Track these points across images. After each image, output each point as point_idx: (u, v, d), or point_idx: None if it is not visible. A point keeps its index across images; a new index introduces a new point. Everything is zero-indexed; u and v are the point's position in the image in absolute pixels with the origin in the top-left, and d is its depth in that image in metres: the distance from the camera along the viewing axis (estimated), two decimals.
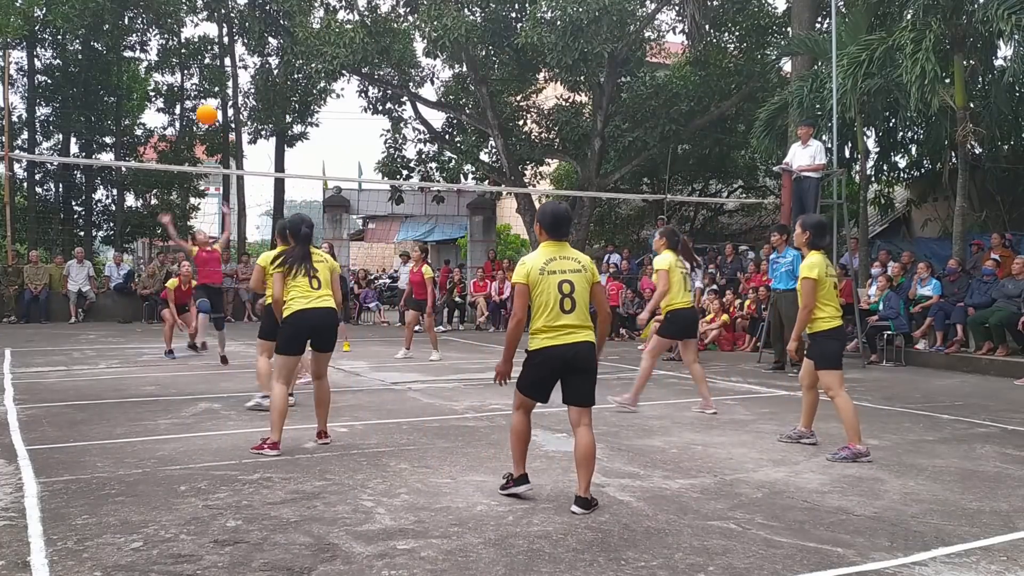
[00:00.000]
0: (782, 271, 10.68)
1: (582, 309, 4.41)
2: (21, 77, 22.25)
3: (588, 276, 4.46)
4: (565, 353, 4.37)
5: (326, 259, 5.97)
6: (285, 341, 5.70)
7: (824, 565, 3.65)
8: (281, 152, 24.18)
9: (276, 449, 5.55)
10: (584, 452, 4.41)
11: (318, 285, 5.75)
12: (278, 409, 5.59)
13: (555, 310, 4.35)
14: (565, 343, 4.36)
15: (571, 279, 4.39)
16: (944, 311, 11.91)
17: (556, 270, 4.40)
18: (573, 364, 4.39)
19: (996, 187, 16.07)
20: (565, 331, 4.36)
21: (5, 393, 8.08)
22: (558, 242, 4.50)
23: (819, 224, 6.17)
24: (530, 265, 4.43)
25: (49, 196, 23.38)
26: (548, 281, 4.37)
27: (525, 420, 4.57)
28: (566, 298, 4.36)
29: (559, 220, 4.50)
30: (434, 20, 16.89)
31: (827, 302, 5.79)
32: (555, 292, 4.36)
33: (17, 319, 17.21)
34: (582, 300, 4.40)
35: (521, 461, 4.61)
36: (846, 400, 5.72)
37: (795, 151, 11.63)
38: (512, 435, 4.61)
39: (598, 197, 19.59)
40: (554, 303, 4.35)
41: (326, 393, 5.98)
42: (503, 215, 27.20)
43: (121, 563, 3.56)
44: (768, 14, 19.67)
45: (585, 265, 4.49)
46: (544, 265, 4.41)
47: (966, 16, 12.30)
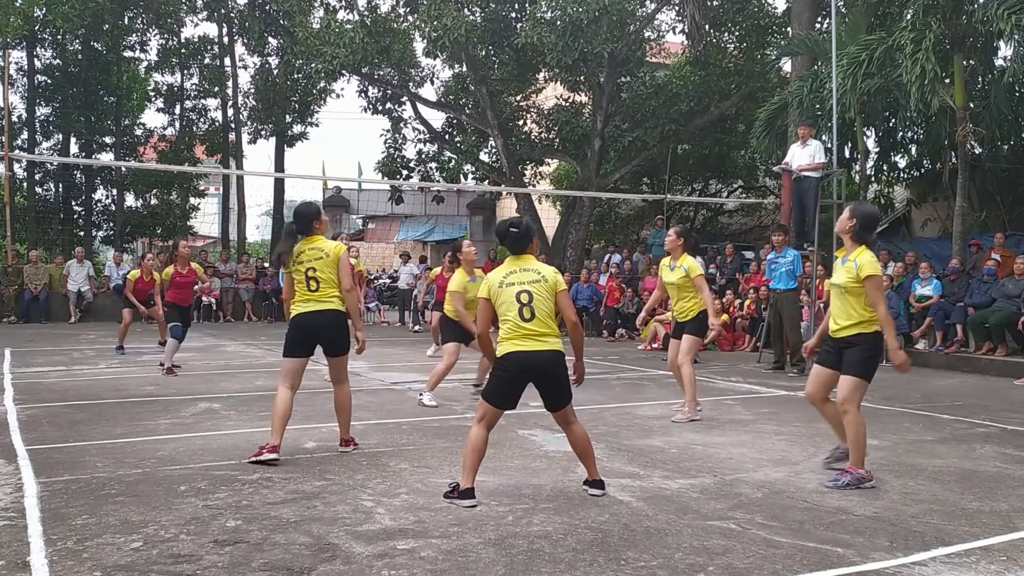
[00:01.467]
0: (782, 271, 10.68)
1: (543, 318, 4.50)
2: (21, 77, 22.27)
3: (549, 286, 4.56)
4: (526, 359, 4.46)
5: (327, 252, 5.47)
6: (286, 344, 5.56)
7: (824, 565, 3.65)
8: (281, 152, 24.21)
9: (275, 453, 5.31)
10: (581, 445, 4.67)
11: (316, 287, 5.44)
12: (279, 413, 5.41)
13: (515, 319, 4.48)
14: (528, 350, 4.47)
15: (529, 289, 4.51)
16: (944, 311, 11.91)
17: (515, 282, 4.54)
18: (538, 371, 4.50)
19: (996, 187, 16.07)
20: (527, 338, 4.47)
21: (5, 393, 8.08)
22: (519, 256, 4.66)
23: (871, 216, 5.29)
24: (491, 281, 4.61)
25: (49, 196, 23.40)
26: (507, 292, 4.53)
27: (484, 434, 4.55)
28: (524, 307, 4.48)
29: (504, 235, 4.69)
30: (434, 20, 16.90)
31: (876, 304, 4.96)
32: (513, 302, 4.50)
33: (17, 319, 17.22)
34: (542, 309, 4.50)
35: (471, 474, 4.52)
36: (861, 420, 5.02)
37: (794, 151, 11.63)
38: (468, 445, 4.55)
39: (598, 197, 19.60)
40: (514, 312, 4.49)
41: (345, 398, 5.72)
42: (503, 215, 27.20)
43: (121, 563, 3.56)
44: (768, 14, 19.68)
45: (546, 276, 4.59)
46: (503, 279, 4.57)
47: (966, 16, 12.31)
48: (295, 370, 5.51)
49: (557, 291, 4.57)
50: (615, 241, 22.68)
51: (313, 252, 5.48)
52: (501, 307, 4.54)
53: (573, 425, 4.65)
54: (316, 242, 5.54)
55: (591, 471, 4.70)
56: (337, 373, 5.71)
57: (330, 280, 5.47)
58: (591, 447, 4.71)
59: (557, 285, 4.58)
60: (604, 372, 10.69)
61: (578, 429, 4.65)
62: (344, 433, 5.79)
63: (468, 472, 4.53)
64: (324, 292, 5.46)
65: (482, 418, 4.57)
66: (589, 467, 4.70)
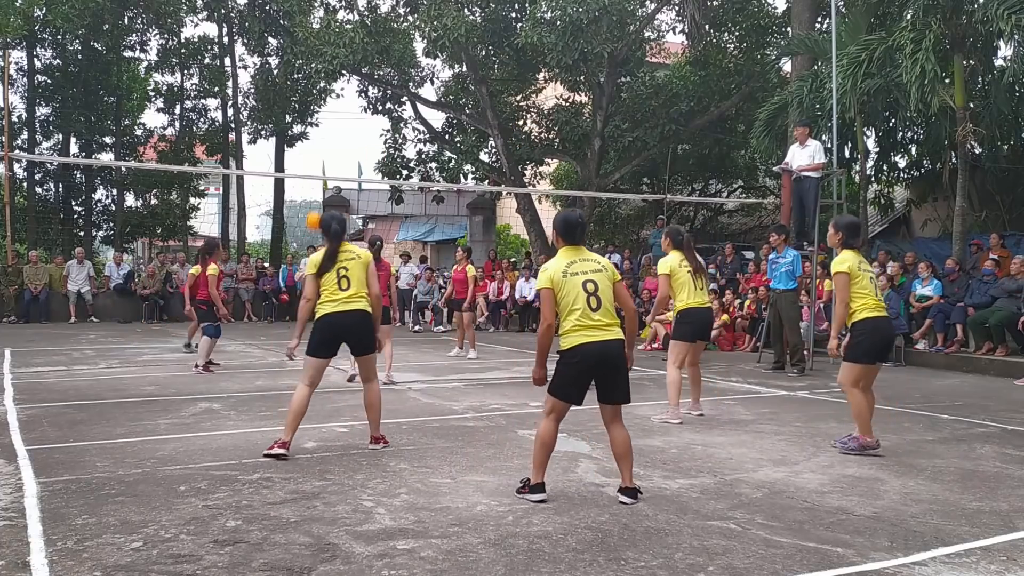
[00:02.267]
0: (782, 271, 10.68)
1: (608, 307, 4.48)
2: (21, 77, 22.28)
3: (609, 275, 4.57)
4: (597, 350, 4.42)
5: (359, 255, 5.75)
6: (313, 344, 5.62)
7: (824, 565, 3.65)
8: (281, 152, 24.21)
9: (284, 448, 5.47)
10: (622, 447, 4.58)
11: (347, 286, 5.59)
12: (295, 411, 5.53)
13: (583, 308, 4.43)
14: (597, 340, 4.42)
15: (594, 278, 4.49)
16: (944, 312, 11.91)
17: (578, 271, 4.50)
18: (606, 362, 4.45)
19: (996, 187, 16.08)
20: (595, 329, 4.43)
21: (5, 393, 8.08)
22: (575, 246, 4.61)
23: (852, 224, 6.18)
24: (552, 270, 4.52)
25: (49, 196, 23.41)
26: (572, 282, 4.46)
27: (554, 428, 4.55)
28: (592, 296, 4.44)
29: (572, 225, 4.62)
30: (434, 20, 16.90)
31: (861, 293, 5.81)
32: (580, 291, 4.44)
33: (17, 319, 17.21)
34: (607, 298, 4.49)
35: (541, 469, 4.57)
36: (859, 397, 5.81)
37: (794, 151, 11.64)
38: (537, 441, 4.57)
39: (598, 197, 19.60)
40: (582, 302, 4.43)
41: (374, 397, 5.80)
42: (503, 215, 27.21)
43: (121, 563, 3.56)
44: (768, 14, 19.69)
45: (605, 265, 4.60)
46: (566, 268, 4.51)
47: (966, 16, 12.30)
48: (320, 370, 5.66)
49: (615, 280, 4.58)
50: (615, 241, 22.68)
51: (346, 254, 5.71)
52: (566, 298, 4.45)
53: (618, 424, 4.58)
54: (346, 246, 5.78)
55: (625, 478, 4.58)
56: (366, 372, 5.83)
57: (360, 281, 5.67)
58: (631, 451, 4.60)
59: (615, 274, 4.61)
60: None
61: (623, 432, 4.58)
62: (375, 431, 5.85)
63: (538, 467, 4.56)
64: (354, 292, 5.63)
65: (551, 411, 4.55)
66: (625, 471, 4.59)
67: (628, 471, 4.58)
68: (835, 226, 6.15)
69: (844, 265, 5.81)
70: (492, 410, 7.45)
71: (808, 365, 10.88)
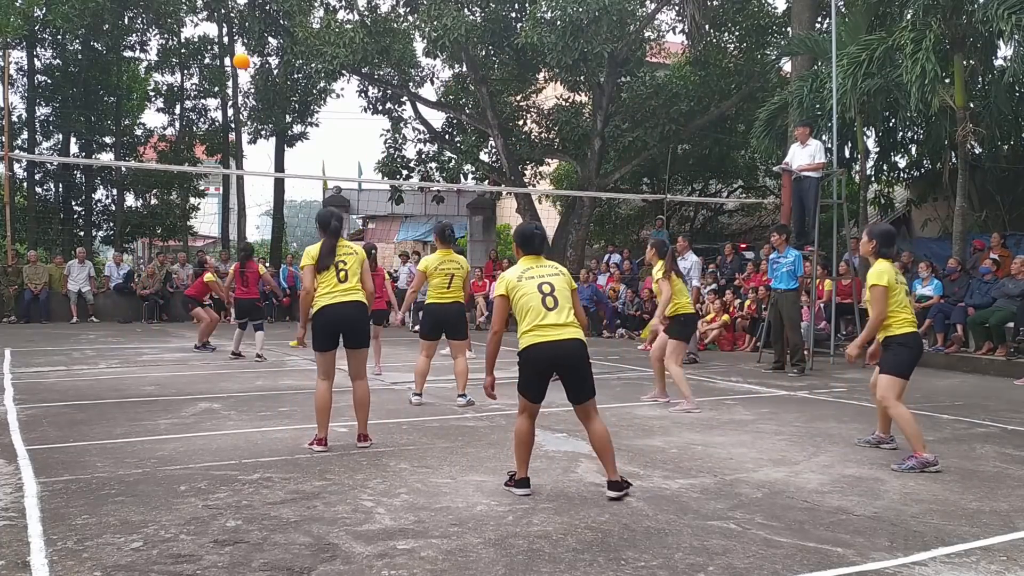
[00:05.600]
0: (783, 271, 10.68)
1: (565, 308, 4.55)
2: (21, 77, 22.25)
3: (567, 280, 4.70)
4: (551, 351, 4.49)
5: (356, 250, 5.92)
6: (315, 338, 5.74)
7: (824, 565, 3.65)
8: (281, 152, 24.19)
9: (322, 445, 5.65)
10: (600, 442, 4.62)
11: (345, 278, 5.73)
12: (321, 407, 5.69)
13: (539, 309, 4.51)
14: (550, 340, 4.49)
15: (550, 281, 4.61)
16: (943, 312, 11.91)
17: (535, 275, 4.63)
18: (561, 361, 4.52)
19: (996, 187, 16.06)
20: (550, 329, 4.50)
21: (5, 393, 8.08)
22: (534, 256, 4.75)
23: (887, 233, 5.92)
24: (509, 277, 4.67)
25: (49, 196, 23.38)
26: (528, 285, 4.59)
27: (527, 424, 4.65)
28: (548, 297, 4.54)
29: (529, 237, 4.77)
30: (434, 20, 16.90)
31: (900, 306, 5.61)
32: (536, 292, 4.55)
33: (17, 319, 17.21)
34: (564, 299, 4.57)
35: (524, 464, 4.69)
36: (902, 411, 5.51)
37: (794, 151, 11.64)
38: (514, 438, 4.72)
39: (598, 197, 19.59)
40: (537, 303, 4.52)
41: (364, 395, 5.89)
42: (503, 215, 27.19)
43: (121, 563, 3.56)
44: (768, 14, 19.68)
45: (562, 271, 4.74)
46: (522, 274, 4.64)
47: (966, 16, 12.29)
48: (330, 361, 5.75)
49: (573, 287, 4.71)
50: (615, 241, 22.67)
51: (344, 249, 5.88)
52: (522, 300, 4.55)
53: (594, 421, 4.61)
54: (343, 242, 5.96)
55: (609, 471, 4.62)
56: (357, 368, 5.88)
57: (357, 274, 5.82)
58: (611, 446, 4.64)
59: (572, 283, 4.73)
60: (604, 372, 10.69)
61: (599, 426, 4.61)
62: (362, 428, 5.92)
63: (520, 463, 4.68)
64: (352, 285, 5.77)
65: (522, 410, 4.65)
66: (607, 467, 4.63)
67: (611, 464, 4.62)
68: (869, 234, 5.86)
69: (883, 278, 5.55)
70: (492, 410, 7.45)
71: (808, 365, 10.87)
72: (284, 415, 7.11)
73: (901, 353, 5.58)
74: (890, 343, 5.63)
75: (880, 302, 5.55)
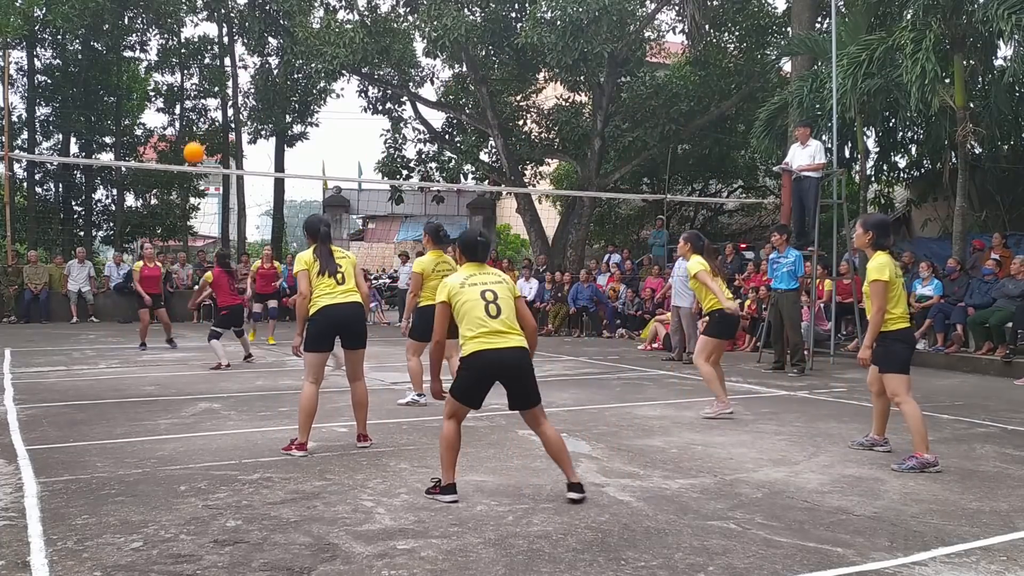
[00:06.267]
0: (783, 271, 10.68)
1: (508, 316, 4.53)
2: (21, 77, 22.25)
3: (511, 287, 4.67)
4: (495, 357, 4.45)
5: (348, 255, 6.04)
6: (312, 338, 5.72)
7: (824, 565, 3.65)
8: (281, 152, 24.20)
9: (303, 450, 5.58)
10: (555, 447, 4.56)
11: (343, 279, 5.78)
12: (305, 410, 5.62)
13: (481, 315, 4.48)
14: (495, 347, 4.45)
15: (493, 288, 4.58)
16: (943, 312, 11.91)
17: (477, 282, 4.60)
18: (505, 370, 4.49)
19: (996, 187, 16.06)
20: (493, 335, 4.46)
21: (5, 393, 8.08)
22: (477, 263, 4.74)
23: (882, 223, 5.82)
24: (451, 283, 4.62)
25: (49, 196, 23.39)
26: (470, 292, 4.55)
27: (455, 428, 4.59)
28: (491, 304, 4.51)
29: (472, 245, 4.75)
30: (434, 20, 16.90)
31: (897, 302, 5.52)
32: (479, 299, 4.51)
33: (17, 319, 17.21)
34: (507, 307, 4.55)
35: (451, 469, 4.59)
36: (913, 407, 5.43)
37: (794, 151, 11.64)
38: (441, 443, 4.60)
39: (598, 197, 19.60)
40: (479, 310, 4.49)
41: (363, 395, 5.93)
42: (503, 215, 27.24)
43: (121, 563, 3.56)
44: (768, 14, 19.69)
45: (505, 279, 4.73)
46: (464, 280, 4.61)
47: (966, 16, 12.29)
48: (322, 363, 5.79)
49: (516, 295, 4.68)
50: (615, 241, 22.67)
51: (338, 253, 5.95)
52: (464, 306, 4.51)
53: (543, 426, 4.56)
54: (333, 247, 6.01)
55: (568, 473, 4.56)
56: (355, 369, 5.92)
57: (352, 275, 5.89)
58: (565, 449, 4.59)
59: (516, 290, 4.72)
60: (604, 372, 10.70)
61: (549, 430, 4.56)
62: (362, 428, 5.94)
63: (447, 468, 4.58)
64: (350, 287, 5.83)
65: (451, 415, 4.58)
66: (565, 470, 4.56)
67: (568, 466, 4.56)
68: (864, 225, 5.72)
69: (885, 273, 5.44)
70: (492, 410, 7.42)
71: (808, 365, 10.87)
72: (284, 415, 7.11)
73: (896, 348, 5.53)
74: (884, 339, 5.53)
75: (881, 297, 5.44)
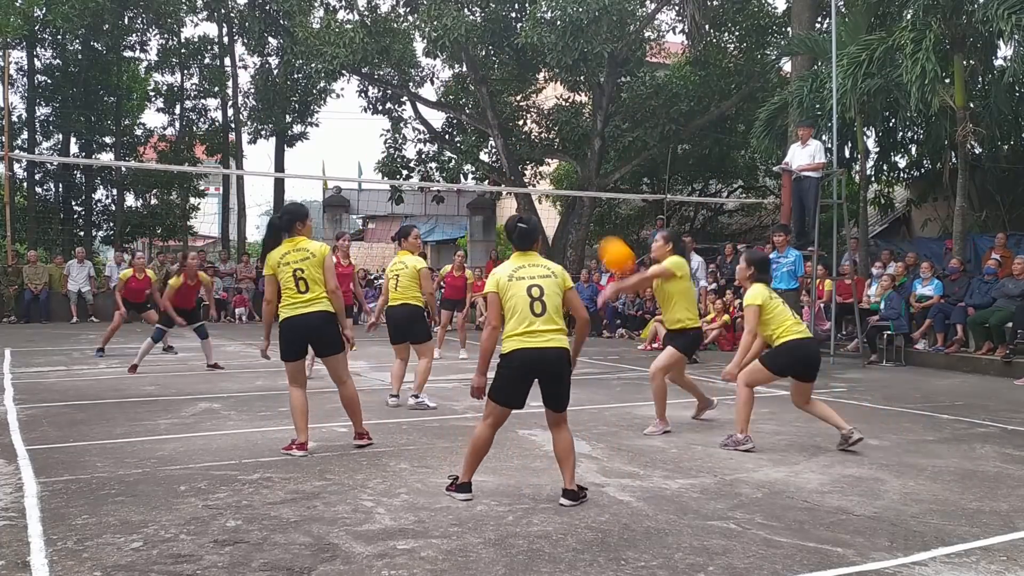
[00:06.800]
0: (783, 271, 10.68)
1: (553, 313, 4.43)
2: (21, 77, 22.25)
3: (559, 282, 4.51)
4: (536, 357, 4.38)
5: (313, 252, 5.56)
6: (282, 348, 5.63)
7: (824, 565, 3.65)
8: (281, 152, 24.20)
9: (304, 450, 5.55)
10: (563, 450, 4.51)
11: (305, 287, 5.49)
12: (296, 410, 5.61)
13: (525, 313, 4.40)
14: (535, 347, 4.38)
15: (540, 283, 4.45)
16: (943, 312, 11.90)
17: (525, 276, 4.48)
18: (544, 368, 4.42)
19: (996, 187, 16.05)
20: (536, 335, 4.38)
21: (5, 393, 8.08)
22: (525, 252, 4.60)
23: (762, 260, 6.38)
24: (499, 274, 4.53)
25: (49, 196, 23.38)
26: (517, 286, 4.45)
27: (487, 434, 4.53)
28: (536, 301, 4.41)
29: (522, 232, 4.61)
30: (434, 20, 16.90)
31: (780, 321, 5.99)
32: (524, 296, 4.42)
33: (17, 319, 17.20)
34: (552, 304, 4.43)
35: (470, 470, 4.59)
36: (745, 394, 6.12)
37: (794, 151, 11.64)
38: (471, 443, 4.57)
39: (598, 197, 19.59)
40: (524, 306, 4.40)
41: (348, 398, 5.76)
42: (503, 215, 27.13)
43: (121, 563, 3.56)
44: (768, 14, 19.68)
45: (555, 272, 4.55)
46: (512, 272, 4.50)
47: (966, 16, 12.29)
48: (296, 370, 5.69)
49: (566, 287, 4.53)
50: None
51: (299, 253, 5.54)
52: (510, 301, 4.43)
53: (563, 429, 4.53)
54: (300, 243, 5.60)
55: (567, 479, 4.50)
56: (336, 373, 5.72)
57: (318, 280, 5.53)
58: (573, 454, 4.54)
59: (566, 281, 4.56)
60: (604, 372, 10.69)
61: (566, 435, 4.53)
62: (358, 427, 5.85)
63: (467, 468, 4.58)
64: (313, 294, 5.51)
65: (488, 416, 4.52)
66: (566, 474, 4.51)
67: (569, 473, 4.49)
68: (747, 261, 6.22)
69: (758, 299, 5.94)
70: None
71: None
72: (284, 415, 7.10)
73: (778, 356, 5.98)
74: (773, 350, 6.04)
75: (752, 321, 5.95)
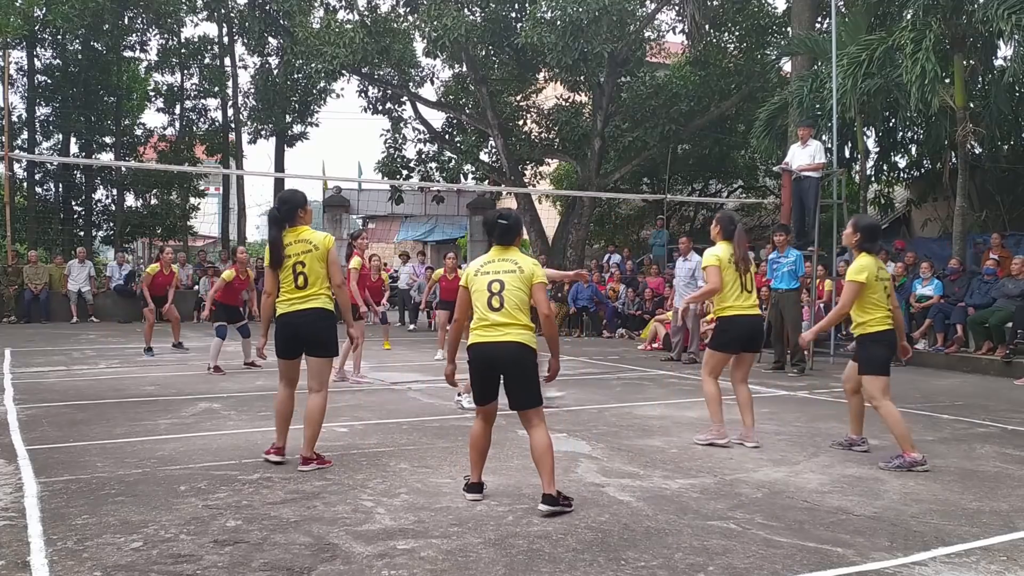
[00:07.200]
0: (784, 271, 10.68)
1: (511, 309, 4.37)
2: (21, 77, 22.23)
3: (525, 277, 4.42)
4: (490, 350, 4.38)
5: (316, 244, 5.16)
6: (277, 346, 5.34)
7: (824, 565, 3.65)
8: (281, 152, 24.19)
9: (279, 455, 5.30)
10: (539, 452, 4.38)
11: (304, 283, 5.14)
12: (278, 413, 5.34)
13: (483, 307, 4.42)
14: (490, 340, 4.38)
15: (502, 279, 4.42)
16: (944, 311, 11.90)
17: (490, 271, 4.47)
18: (499, 364, 4.39)
19: (996, 187, 16.06)
20: (491, 328, 4.38)
21: (5, 393, 8.08)
22: (503, 247, 4.55)
23: (872, 226, 5.81)
24: (468, 270, 4.57)
25: (49, 196, 23.37)
26: (480, 281, 4.46)
27: (479, 428, 4.55)
28: (494, 296, 4.40)
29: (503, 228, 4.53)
30: (434, 20, 16.90)
31: (877, 304, 5.51)
32: (484, 291, 4.42)
33: (17, 319, 17.20)
34: (513, 300, 4.38)
35: (476, 469, 4.60)
36: (889, 408, 5.45)
37: (794, 151, 11.65)
38: (468, 442, 4.65)
39: (598, 197, 19.59)
40: (483, 302, 4.42)
41: (316, 410, 5.16)
42: None
43: (121, 563, 3.56)
44: (768, 14, 19.69)
45: (522, 267, 4.45)
46: (480, 267, 4.52)
47: (966, 16, 12.30)
48: (292, 367, 5.36)
49: (533, 283, 4.43)
50: (615, 241, 22.68)
51: (301, 245, 5.16)
52: (474, 296, 4.46)
53: (535, 429, 4.39)
54: (303, 233, 5.21)
55: (545, 484, 4.32)
56: (317, 376, 5.23)
57: (319, 274, 5.17)
58: (549, 456, 4.34)
59: (534, 277, 4.43)
60: (604, 372, 10.69)
61: (541, 435, 4.37)
62: (305, 450, 5.19)
63: (473, 468, 4.63)
64: (312, 289, 5.16)
65: (477, 414, 4.60)
66: (544, 478, 4.33)
67: (547, 476, 4.33)
68: (855, 225, 5.71)
69: (862, 275, 5.45)
70: None
71: (808, 365, 10.87)
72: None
73: (875, 351, 5.55)
74: (864, 341, 5.61)
75: (849, 297, 5.51)
